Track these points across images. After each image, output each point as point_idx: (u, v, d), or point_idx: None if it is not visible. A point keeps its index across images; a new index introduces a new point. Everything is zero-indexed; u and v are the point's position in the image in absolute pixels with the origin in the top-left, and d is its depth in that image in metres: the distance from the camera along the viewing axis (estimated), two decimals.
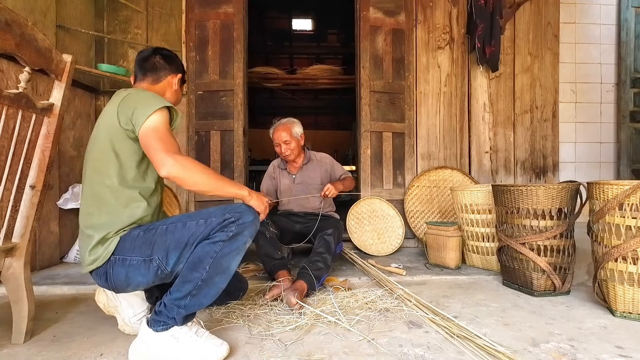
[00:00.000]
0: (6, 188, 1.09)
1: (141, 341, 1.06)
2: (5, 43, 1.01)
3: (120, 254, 1.08)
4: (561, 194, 1.58)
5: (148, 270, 1.07)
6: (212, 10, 2.67)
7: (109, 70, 2.38)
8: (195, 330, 1.07)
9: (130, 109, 1.09)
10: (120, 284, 1.11)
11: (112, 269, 1.09)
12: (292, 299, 1.40)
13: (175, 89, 1.33)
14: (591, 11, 3.03)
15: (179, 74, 1.33)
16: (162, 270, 1.07)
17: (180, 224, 1.09)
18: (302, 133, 2.14)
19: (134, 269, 1.08)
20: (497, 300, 1.58)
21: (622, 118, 3.00)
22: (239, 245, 1.07)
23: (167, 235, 1.08)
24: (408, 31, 2.82)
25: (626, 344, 1.15)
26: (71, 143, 2.30)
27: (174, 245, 1.06)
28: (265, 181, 2.29)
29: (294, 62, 6.56)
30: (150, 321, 1.05)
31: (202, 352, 1.03)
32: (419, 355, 1.08)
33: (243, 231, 1.07)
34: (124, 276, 1.08)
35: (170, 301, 1.04)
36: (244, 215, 1.08)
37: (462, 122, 2.86)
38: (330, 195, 1.99)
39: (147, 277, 1.09)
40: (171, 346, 1.03)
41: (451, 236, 2.07)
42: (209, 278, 1.05)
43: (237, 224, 1.06)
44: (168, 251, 1.06)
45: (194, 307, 1.06)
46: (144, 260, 1.07)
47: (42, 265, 2.07)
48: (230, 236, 1.05)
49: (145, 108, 1.08)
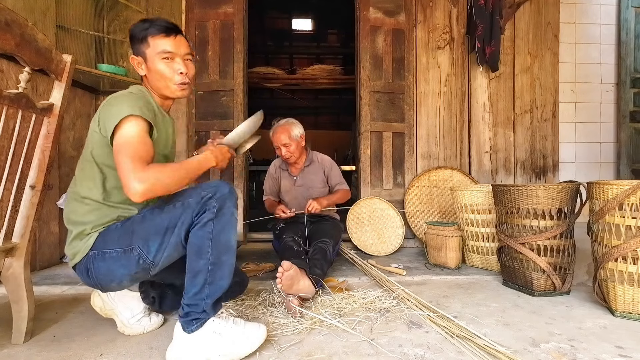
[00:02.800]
0: (6, 188, 1.09)
1: (180, 348, 1.04)
2: (5, 43, 1.01)
3: (99, 248, 1.07)
4: (561, 194, 1.58)
5: (129, 261, 1.06)
6: (212, 10, 2.67)
7: (109, 70, 2.38)
8: (232, 321, 1.07)
9: (103, 117, 1.06)
10: (103, 279, 1.10)
11: (93, 264, 1.08)
12: (291, 305, 1.37)
13: (146, 73, 1.17)
14: (591, 11, 3.03)
15: (137, 54, 1.16)
16: (144, 259, 1.05)
17: (157, 210, 1.07)
18: (303, 134, 2.11)
19: (115, 261, 1.06)
20: (497, 300, 1.58)
21: (622, 118, 3.00)
22: (228, 218, 1.06)
23: (146, 222, 1.06)
24: (408, 31, 2.82)
25: (626, 344, 1.15)
26: (71, 143, 2.30)
27: (153, 231, 1.04)
28: (267, 181, 2.28)
29: (294, 62, 6.56)
30: (182, 325, 1.04)
31: (246, 338, 1.04)
32: (419, 355, 1.08)
33: (225, 203, 1.05)
34: (106, 270, 1.07)
35: (191, 299, 1.03)
36: (220, 188, 1.06)
37: (462, 122, 2.86)
38: (314, 211, 1.95)
39: (128, 268, 1.07)
40: (215, 342, 1.02)
41: (451, 236, 2.07)
42: (216, 260, 1.04)
43: (216, 197, 1.04)
44: (148, 239, 1.04)
45: (216, 292, 1.05)
46: (124, 250, 1.05)
47: (42, 265, 2.07)
48: (216, 212, 1.03)
49: (110, 118, 1.02)
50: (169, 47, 1.14)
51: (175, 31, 1.16)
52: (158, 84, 1.17)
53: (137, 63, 1.17)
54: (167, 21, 1.16)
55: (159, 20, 1.16)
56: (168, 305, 1.33)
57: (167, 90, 1.18)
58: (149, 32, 1.13)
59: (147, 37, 1.13)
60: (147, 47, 1.14)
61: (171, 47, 1.14)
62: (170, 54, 1.15)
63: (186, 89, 1.20)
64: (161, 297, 1.31)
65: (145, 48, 1.14)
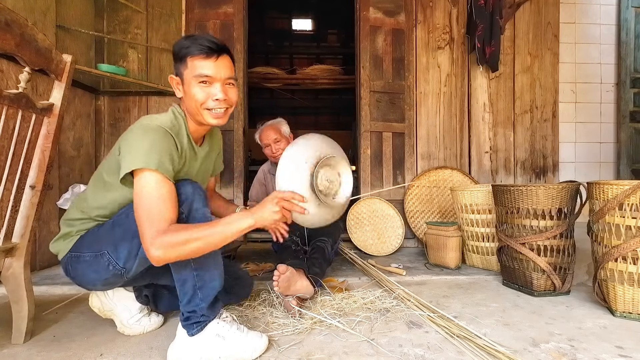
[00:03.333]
0: (6, 188, 1.09)
1: (182, 348, 1.03)
2: (5, 43, 1.01)
3: (76, 251, 1.09)
4: (561, 194, 1.58)
5: (99, 266, 1.06)
6: (212, 10, 2.67)
7: (109, 70, 2.38)
8: (236, 326, 1.07)
9: (124, 148, 0.98)
10: (79, 280, 1.12)
11: (70, 265, 1.11)
12: (290, 305, 1.37)
13: (182, 96, 1.09)
14: (591, 11, 3.03)
15: (176, 74, 1.09)
16: (114, 265, 1.04)
17: (123, 215, 1.05)
18: (290, 133, 2.10)
19: (88, 265, 1.07)
20: (497, 300, 1.58)
21: (622, 118, 3.00)
22: (200, 219, 1.00)
23: (114, 228, 1.05)
24: (408, 31, 2.82)
25: (626, 344, 1.15)
26: (71, 143, 2.30)
27: (120, 237, 1.03)
28: (254, 187, 2.23)
29: (294, 62, 6.56)
30: (185, 328, 1.04)
31: (248, 345, 1.04)
32: (419, 355, 1.08)
33: (192, 205, 1.00)
34: (80, 272, 1.09)
35: (186, 306, 1.03)
36: (182, 189, 1.00)
37: (462, 122, 2.86)
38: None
39: (99, 273, 1.07)
40: (218, 345, 1.02)
41: (451, 236, 2.07)
42: (201, 265, 1.02)
43: (180, 201, 0.98)
44: (117, 245, 1.03)
45: (209, 295, 1.04)
46: (95, 255, 1.06)
47: (42, 265, 2.07)
48: (185, 219, 0.99)
49: (127, 158, 0.94)
50: (208, 71, 1.03)
51: (218, 52, 1.05)
52: (191, 109, 1.08)
53: (175, 83, 1.10)
54: (210, 40, 1.05)
55: (202, 38, 1.04)
56: (165, 304, 1.33)
57: (200, 117, 1.08)
58: (189, 52, 1.03)
59: (186, 57, 1.04)
60: (185, 68, 1.05)
61: (210, 71, 1.04)
62: (209, 77, 1.04)
63: (222, 116, 1.09)
64: (155, 296, 1.30)
65: (184, 69, 1.05)
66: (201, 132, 1.17)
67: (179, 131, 1.08)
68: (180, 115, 1.12)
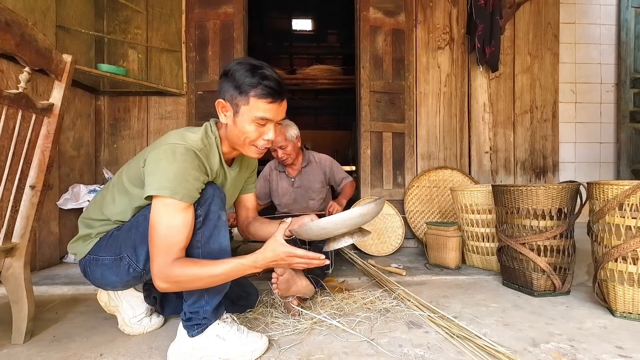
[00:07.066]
0: (6, 188, 1.09)
1: (182, 348, 1.03)
2: (5, 43, 1.00)
3: (95, 254, 1.10)
4: (561, 194, 1.58)
5: (119, 269, 1.07)
6: (212, 10, 2.67)
7: (109, 70, 2.38)
8: (237, 327, 1.08)
9: (149, 166, 0.96)
10: (98, 282, 1.14)
11: (89, 267, 1.12)
12: (290, 306, 1.37)
13: (228, 123, 1.05)
14: (591, 11, 3.03)
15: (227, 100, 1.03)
16: (134, 268, 1.06)
17: (142, 217, 1.05)
18: (298, 135, 2.09)
19: (107, 268, 1.08)
20: (497, 300, 1.58)
21: (622, 118, 3.00)
22: (215, 222, 1.01)
23: (132, 230, 1.06)
24: (408, 31, 2.82)
25: (626, 344, 1.15)
26: (71, 143, 2.30)
27: (139, 240, 1.03)
28: (258, 182, 2.23)
29: (294, 62, 6.56)
30: (186, 329, 1.04)
31: (248, 346, 1.05)
32: (419, 355, 1.08)
33: (210, 208, 1.00)
34: (100, 275, 1.11)
35: (190, 307, 1.03)
36: (203, 193, 1.00)
37: (462, 122, 2.86)
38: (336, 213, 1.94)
39: (120, 276, 1.08)
40: (218, 345, 1.03)
41: (451, 236, 2.07)
42: None
43: (199, 204, 0.99)
44: (136, 247, 1.04)
45: (215, 298, 1.04)
46: (114, 259, 1.07)
47: (42, 265, 2.07)
48: (202, 220, 0.99)
49: (152, 179, 0.93)
50: (269, 115, 1.03)
51: (282, 97, 1.04)
52: (235, 139, 1.06)
53: (221, 108, 1.05)
54: (279, 82, 1.03)
55: (271, 79, 1.01)
56: (171, 309, 1.32)
57: (243, 149, 1.08)
58: (256, 93, 1.00)
59: (249, 93, 1.00)
60: (245, 104, 1.01)
61: (271, 114, 1.03)
62: (267, 120, 1.04)
63: (264, 152, 1.11)
64: (163, 299, 1.30)
65: (242, 103, 1.01)
66: (234, 154, 1.17)
67: (209, 152, 1.06)
68: (214, 135, 1.09)
